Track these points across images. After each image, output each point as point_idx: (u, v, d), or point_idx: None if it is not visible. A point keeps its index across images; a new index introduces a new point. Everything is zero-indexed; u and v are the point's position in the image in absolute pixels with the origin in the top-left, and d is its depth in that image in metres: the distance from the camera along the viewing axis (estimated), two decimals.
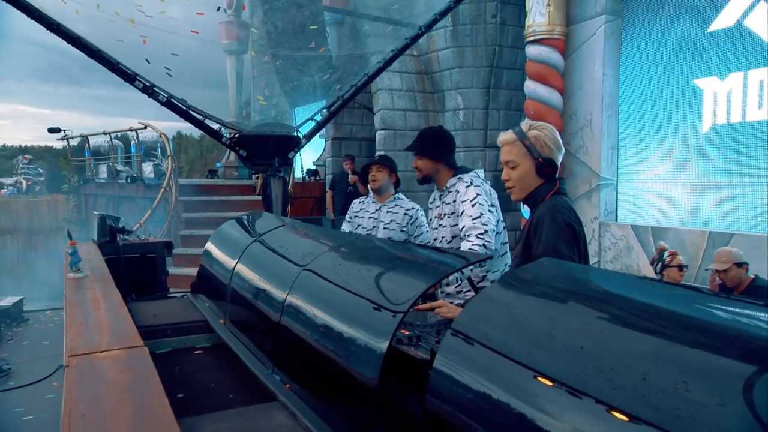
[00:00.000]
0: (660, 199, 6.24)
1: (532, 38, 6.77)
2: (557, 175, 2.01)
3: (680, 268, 4.03)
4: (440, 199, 2.81)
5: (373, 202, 3.49)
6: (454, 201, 2.69)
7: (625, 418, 0.73)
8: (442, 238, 2.77)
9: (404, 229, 3.40)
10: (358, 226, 3.51)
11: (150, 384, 1.33)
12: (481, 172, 2.81)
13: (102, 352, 1.55)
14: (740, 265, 3.85)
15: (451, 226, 2.71)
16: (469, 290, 2.61)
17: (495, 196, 2.68)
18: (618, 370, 0.81)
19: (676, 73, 5.99)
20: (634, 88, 6.50)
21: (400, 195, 3.50)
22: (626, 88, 6.58)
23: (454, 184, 2.72)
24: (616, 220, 6.67)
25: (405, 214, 3.41)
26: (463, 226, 2.52)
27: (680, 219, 6.00)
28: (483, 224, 2.50)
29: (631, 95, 6.54)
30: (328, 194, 8.90)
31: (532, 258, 1.83)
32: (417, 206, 3.46)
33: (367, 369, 1.26)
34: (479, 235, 2.46)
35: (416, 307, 1.95)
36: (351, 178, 8.22)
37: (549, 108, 6.73)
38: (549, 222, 1.86)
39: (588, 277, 1.32)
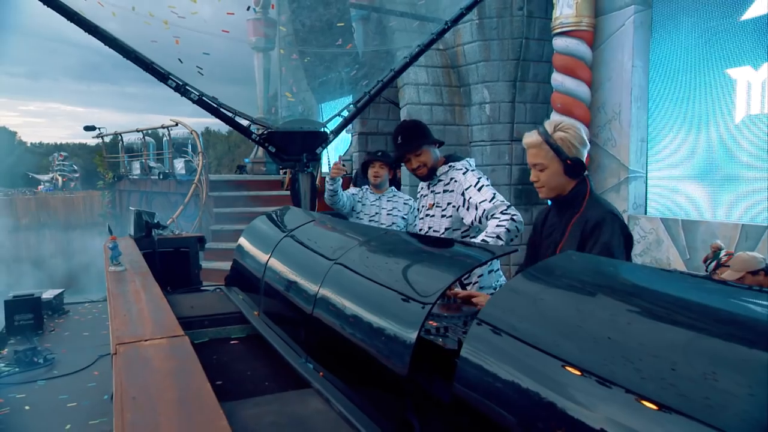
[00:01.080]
0: (691, 192, 6.12)
1: (559, 30, 6.69)
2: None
3: None
4: (428, 188, 2.74)
5: (371, 192, 3.81)
6: (450, 191, 2.58)
7: (654, 407, 0.74)
8: (429, 228, 2.69)
9: (405, 216, 3.70)
10: (360, 211, 3.77)
11: (192, 370, 1.41)
12: (472, 161, 2.74)
13: (146, 340, 1.64)
14: (755, 273, 3.33)
15: (447, 217, 2.61)
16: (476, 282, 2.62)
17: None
18: (646, 360, 0.82)
19: (708, 63, 5.86)
20: (664, 79, 6.38)
21: (394, 188, 3.83)
22: (656, 80, 6.47)
23: (446, 172, 2.64)
24: (646, 213, 6.58)
25: (405, 203, 3.72)
26: (483, 210, 2.45)
27: (712, 212, 5.89)
28: (502, 201, 2.46)
29: (660, 86, 6.42)
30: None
31: None
32: (411, 198, 3.77)
33: (398, 358, 1.30)
34: (504, 211, 2.40)
35: (453, 291, 1.97)
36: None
37: (576, 100, 6.65)
38: (617, 230, 1.88)
39: (614, 269, 1.34)
